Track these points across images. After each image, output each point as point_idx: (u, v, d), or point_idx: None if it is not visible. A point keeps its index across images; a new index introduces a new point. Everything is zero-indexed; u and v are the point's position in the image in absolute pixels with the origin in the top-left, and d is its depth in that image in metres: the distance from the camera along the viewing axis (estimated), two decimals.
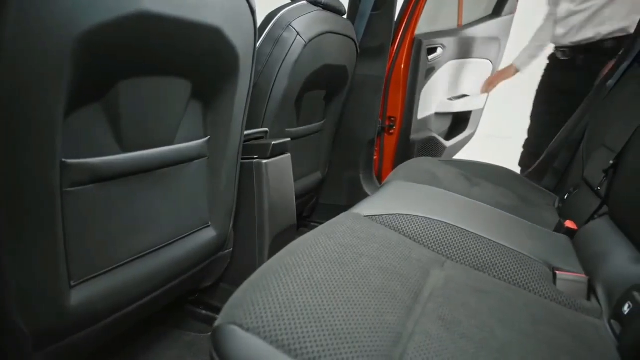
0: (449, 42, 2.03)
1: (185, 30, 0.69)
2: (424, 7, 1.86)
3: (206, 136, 0.90)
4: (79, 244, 0.65)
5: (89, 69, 0.58)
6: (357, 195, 1.78)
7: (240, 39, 0.83)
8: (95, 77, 0.61)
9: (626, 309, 0.60)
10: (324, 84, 1.47)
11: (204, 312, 1.16)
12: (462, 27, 2.17)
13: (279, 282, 0.52)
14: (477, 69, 2.27)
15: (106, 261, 0.72)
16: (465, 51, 2.15)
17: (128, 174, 0.72)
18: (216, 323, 0.48)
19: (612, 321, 0.63)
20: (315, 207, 1.84)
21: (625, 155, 0.96)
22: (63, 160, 0.59)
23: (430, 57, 1.97)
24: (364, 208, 0.86)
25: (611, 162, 1.00)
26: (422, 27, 1.94)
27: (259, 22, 1.25)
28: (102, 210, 0.69)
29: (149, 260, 0.81)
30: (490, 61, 2.31)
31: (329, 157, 1.73)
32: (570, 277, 0.77)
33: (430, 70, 2.00)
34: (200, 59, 0.77)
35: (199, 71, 0.79)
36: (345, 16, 1.54)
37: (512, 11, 2.28)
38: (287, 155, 1.15)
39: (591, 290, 0.76)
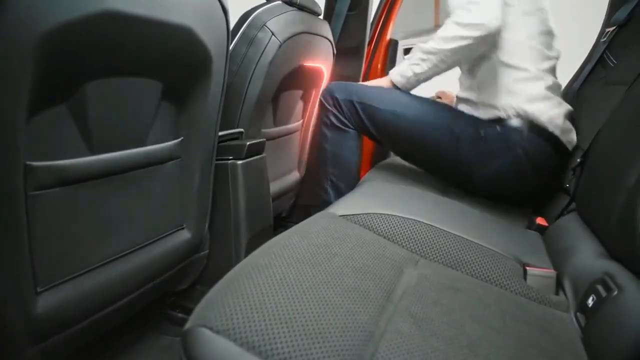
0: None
1: (155, 30, 0.68)
2: (399, 7, 1.87)
3: (179, 137, 0.89)
4: (46, 249, 0.63)
5: (53, 69, 0.56)
6: None
7: (212, 39, 0.82)
8: (61, 77, 0.59)
9: (590, 302, 0.62)
10: (301, 84, 1.47)
11: (180, 315, 1.14)
12: (439, 26, 2.17)
13: (250, 283, 0.52)
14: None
15: (75, 266, 0.70)
16: None
17: (97, 177, 0.70)
18: (186, 326, 0.47)
19: (578, 314, 0.65)
20: (293, 208, 1.83)
21: (590, 153, 0.99)
22: (27, 162, 0.58)
23: (406, 56, 1.97)
24: (339, 207, 0.86)
25: (578, 160, 1.03)
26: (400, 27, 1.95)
27: (233, 22, 1.24)
28: (70, 214, 0.67)
29: (120, 264, 0.80)
30: None
31: (306, 157, 1.73)
32: (540, 272, 0.79)
33: None
34: (171, 60, 0.76)
35: (170, 72, 0.78)
36: (321, 16, 1.54)
37: None
38: (263, 156, 1.15)
39: (559, 285, 0.78)
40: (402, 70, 1.25)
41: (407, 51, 1.96)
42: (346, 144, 1.29)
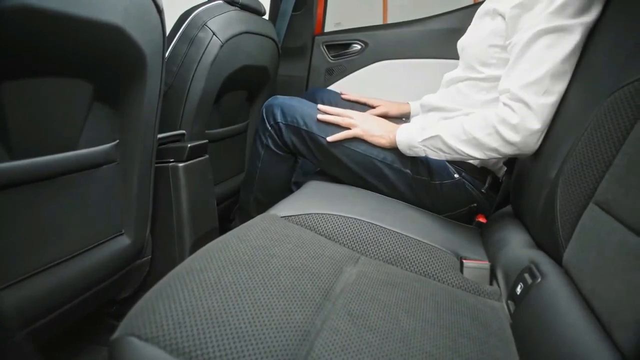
0: (374, 38, 1.76)
1: (80, 28, 0.65)
2: (324, 4, 1.83)
3: (114, 140, 0.86)
4: None
5: None
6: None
7: (146, 38, 0.79)
8: None
9: (519, 289, 0.66)
10: (245, 85, 1.46)
11: None
12: (389, 24, 2.00)
13: (183, 287, 0.51)
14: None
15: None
16: (410, 50, 1.75)
17: (20, 183, 0.66)
18: (113, 335, 0.46)
19: (509, 302, 0.69)
20: None
21: None
22: None
23: (338, 53, 1.77)
24: (281, 209, 0.86)
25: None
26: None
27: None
28: None
29: (53, 274, 0.75)
30: None
31: None
32: (475, 264, 0.83)
33: (338, 69, 1.79)
34: (100, 60, 0.73)
35: (100, 72, 0.75)
36: (266, 16, 1.54)
37: None
38: (206, 158, 1.13)
39: (493, 275, 0.82)
40: (413, 144, 1.03)
41: (343, 47, 1.79)
42: (279, 168, 1.22)
